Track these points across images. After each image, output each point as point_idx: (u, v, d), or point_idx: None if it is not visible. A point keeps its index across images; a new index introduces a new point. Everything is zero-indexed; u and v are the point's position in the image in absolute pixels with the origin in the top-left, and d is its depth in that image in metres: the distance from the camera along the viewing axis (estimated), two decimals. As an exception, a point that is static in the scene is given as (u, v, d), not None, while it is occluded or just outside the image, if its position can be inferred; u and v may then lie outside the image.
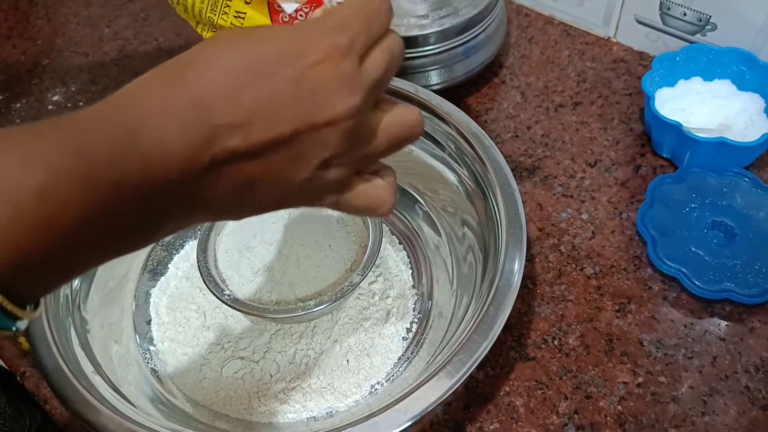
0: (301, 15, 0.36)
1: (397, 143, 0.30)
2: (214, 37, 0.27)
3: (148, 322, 0.49)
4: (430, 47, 0.57)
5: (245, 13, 0.38)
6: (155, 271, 0.52)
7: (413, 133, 0.30)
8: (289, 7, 0.36)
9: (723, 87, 0.57)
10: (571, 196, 0.55)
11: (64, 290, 0.43)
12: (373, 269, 0.47)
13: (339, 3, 0.32)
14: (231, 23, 0.39)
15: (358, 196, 0.30)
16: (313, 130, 0.26)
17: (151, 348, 0.47)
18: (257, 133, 0.25)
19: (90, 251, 0.24)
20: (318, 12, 0.34)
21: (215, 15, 0.39)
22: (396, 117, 0.29)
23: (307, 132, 0.26)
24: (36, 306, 0.24)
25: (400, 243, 0.52)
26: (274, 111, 0.25)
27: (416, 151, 0.51)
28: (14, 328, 0.23)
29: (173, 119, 0.24)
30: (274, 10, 0.37)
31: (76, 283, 0.45)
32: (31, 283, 0.23)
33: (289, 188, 0.28)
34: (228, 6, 0.38)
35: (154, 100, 0.25)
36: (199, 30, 0.42)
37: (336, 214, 0.49)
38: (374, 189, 0.30)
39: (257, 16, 0.38)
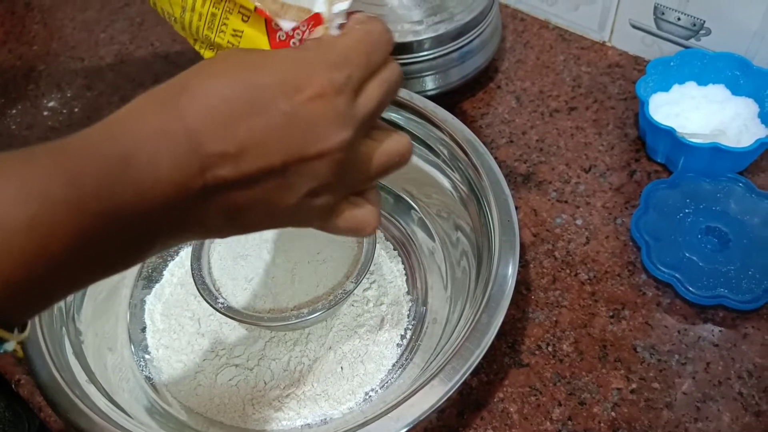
0: (298, 34, 0.36)
1: (386, 171, 0.31)
2: (211, 61, 0.27)
3: (143, 330, 0.49)
4: (425, 53, 0.57)
5: (242, 32, 0.38)
6: (150, 278, 0.52)
7: (402, 161, 0.31)
8: (287, 25, 0.35)
9: (717, 92, 0.57)
10: (566, 202, 0.55)
11: (58, 299, 0.43)
12: (367, 276, 0.47)
13: (341, 24, 0.32)
14: (228, 41, 0.39)
15: (343, 220, 0.31)
16: (303, 162, 0.27)
17: (146, 356, 0.48)
18: (249, 163, 0.26)
19: (79, 275, 0.25)
20: (318, 31, 0.33)
21: (212, 33, 0.39)
22: (385, 146, 0.30)
23: (297, 164, 0.27)
24: (23, 328, 0.25)
25: (394, 249, 0.52)
26: (266, 143, 0.26)
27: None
28: (2, 351, 0.23)
29: (166, 148, 0.24)
30: (271, 29, 0.37)
31: (69, 292, 0.45)
32: (20, 308, 0.23)
33: (277, 213, 0.28)
34: (225, 24, 0.38)
35: (148, 127, 0.25)
36: (197, 47, 0.42)
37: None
38: (360, 212, 0.31)
39: (255, 35, 0.37)
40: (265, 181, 0.26)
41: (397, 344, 0.47)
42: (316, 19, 0.35)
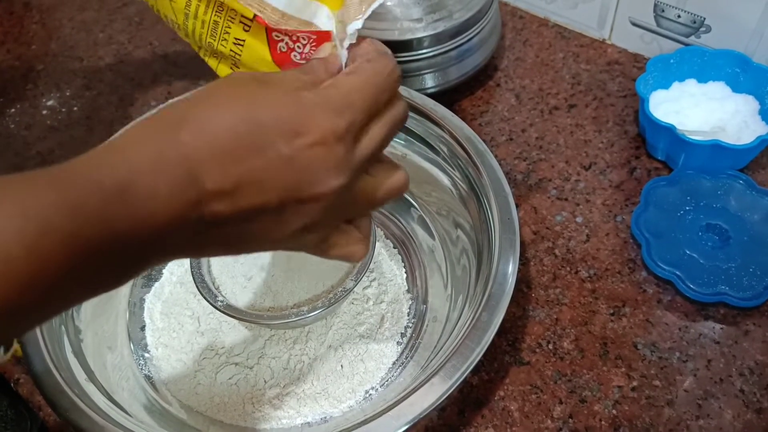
0: (299, 47, 0.36)
1: (380, 205, 0.31)
2: (213, 89, 0.27)
3: (142, 328, 0.49)
4: (425, 51, 0.57)
5: (244, 41, 0.38)
6: (149, 276, 0.51)
7: (397, 195, 0.32)
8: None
9: (717, 89, 0.57)
10: (566, 199, 0.55)
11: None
12: (367, 274, 0.47)
13: (350, 44, 0.32)
14: (231, 49, 0.39)
15: (334, 249, 0.32)
16: (297, 203, 0.27)
17: (146, 354, 0.47)
18: (245, 200, 0.26)
19: (72, 296, 0.25)
20: (325, 49, 0.33)
21: (215, 41, 0.39)
22: (383, 184, 0.31)
23: (292, 204, 0.27)
24: (8, 348, 0.25)
25: (394, 247, 0.52)
26: (263, 183, 0.26)
27: (410, 154, 0.52)
28: None
29: (164, 179, 0.24)
30: (272, 40, 0.37)
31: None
32: (10, 330, 0.24)
33: (270, 243, 0.29)
34: (227, 32, 0.38)
35: (146, 157, 0.25)
36: (201, 54, 0.42)
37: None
38: (350, 242, 0.32)
39: (256, 44, 0.37)
40: (260, 218, 0.27)
41: (398, 342, 0.47)
42: (322, 36, 0.35)
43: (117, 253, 0.24)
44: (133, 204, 0.24)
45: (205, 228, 0.26)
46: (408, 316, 0.48)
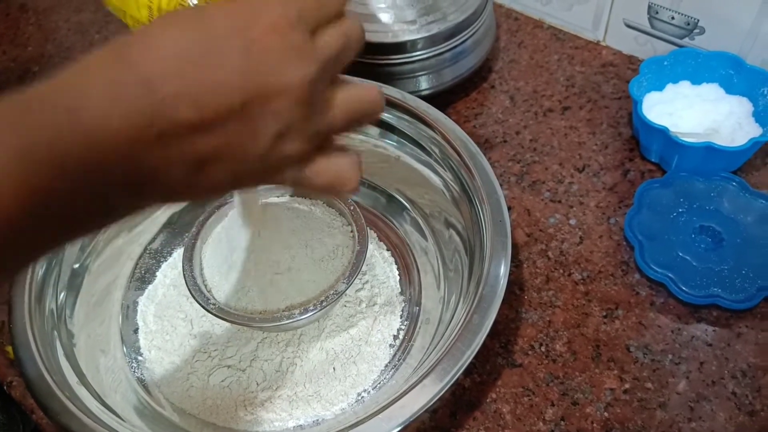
0: None
1: (356, 118, 0.30)
2: (161, 17, 0.26)
3: (135, 331, 0.49)
4: (419, 53, 0.57)
5: None
6: (143, 279, 0.51)
7: (373, 109, 0.30)
8: None
9: (711, 91, 0.57)
10: (560, 201, 0.55)
11: (50, 303, 0.43)
12: (360, 276, 0.47)
13: None
14: None
15: (319, 173, 0.29)
16: (264, 101, 0.26)
17: (139, 357, 0.47)
18: (205, 104, 0.25)
19: (37, 238, 0.24)
20: None
21: None
22: (354, 92, 0.29)
23: (258, 102, 0.25)
24: None
25: (387, 249, 0.52)
26: (222, 82, 0.25)
27: (403, 156, 0.52)
28: None
29: (117, 96, 0.24)
30: None
31: (61, 296, 0.45)
32: None
33: (245, 164, 0.27)
34: None
35: (98, 78, 0.24)
36: None
37: (324, 218, 0.49)
38: (337, 165, 0.30)
39: None
40: (226, 126, 0.25)
41: (390, 345, 0.47)
42: None
43: (75, 180, 0.23)
44: (87, 127, 0.23)
45: (168, 145, 0.25)
46: (401, 318, 0.48)
